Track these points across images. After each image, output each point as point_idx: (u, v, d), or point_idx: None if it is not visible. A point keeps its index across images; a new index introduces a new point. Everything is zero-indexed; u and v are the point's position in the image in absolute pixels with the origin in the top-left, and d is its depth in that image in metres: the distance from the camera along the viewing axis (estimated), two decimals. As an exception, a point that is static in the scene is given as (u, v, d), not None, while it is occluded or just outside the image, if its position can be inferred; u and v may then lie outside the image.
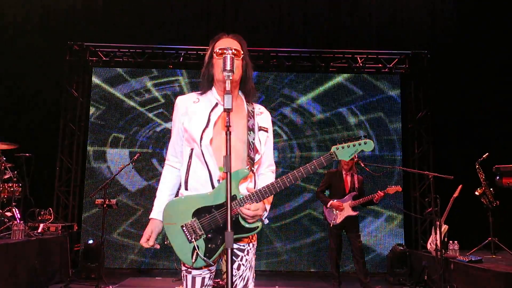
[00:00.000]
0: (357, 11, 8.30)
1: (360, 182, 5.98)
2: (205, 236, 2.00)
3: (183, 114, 2.19)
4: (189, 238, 2.01)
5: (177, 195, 2.23)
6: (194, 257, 1.99)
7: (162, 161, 7.74)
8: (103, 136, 7.82)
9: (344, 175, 5.96)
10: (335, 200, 5.83)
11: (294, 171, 2.05)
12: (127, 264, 7.49)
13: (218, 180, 2.05)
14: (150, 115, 7.89)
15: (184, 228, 2.02)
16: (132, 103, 7.91)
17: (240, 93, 2.28)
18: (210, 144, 2.07)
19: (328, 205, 5.82)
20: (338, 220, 5.77)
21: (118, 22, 8.16)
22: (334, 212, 5.82)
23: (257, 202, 2.00)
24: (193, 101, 2.21)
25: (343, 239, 6.02)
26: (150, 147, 7.80)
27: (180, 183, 2.20)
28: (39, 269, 5.20)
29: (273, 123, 2.51)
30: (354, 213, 5.78)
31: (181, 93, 7.56)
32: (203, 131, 2.09)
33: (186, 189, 2.12)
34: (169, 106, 7.80)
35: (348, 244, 6.02)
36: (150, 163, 7.76)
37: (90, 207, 7.56)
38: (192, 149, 2.12)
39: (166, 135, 7.78)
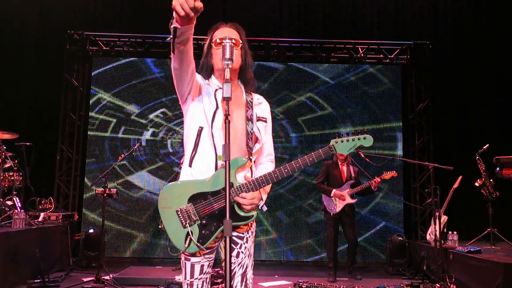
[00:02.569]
0: (359, 1, 8.25)
1: (356, 173, 6.17)
2: (199, 222, 2.01)
3: (200, 83, 2.17)
4: (183, 223, 2.00)
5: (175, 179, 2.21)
6: (187, 243, 1.99)
7: (165, 150, 7.76)
8: (104, 125, 7.82)
9: (340, 165, 6.13)
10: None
11: (292, 162, 2.06)
12: (128, 253, 7.53)
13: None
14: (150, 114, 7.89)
15: (179, 212, 2.01)
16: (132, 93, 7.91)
17: (239, 82, 2.27)
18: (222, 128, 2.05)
19: (332, 194, 5.95)
20: (338, 209, 5.94)
21: (118, 11, 8.13)
22: (334, 201, 5.95)
23: (253, 191, 2.01)
24: (203, 81, 2.20)
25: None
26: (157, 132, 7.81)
27: (184, 158, 2.20)
28: (40, 257, 5.22)
29: (272, 113, 2.50)
30: (353, 201, 5.99)
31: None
32: (215, 113, 2.10)
33: (190, 166, 2.11)
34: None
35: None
36: (153, 150, 7.78)
37: (91, 197, 7.58)
38: (201, 128, 2.10)
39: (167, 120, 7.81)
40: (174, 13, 1.78)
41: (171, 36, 1.86)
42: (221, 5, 8.09)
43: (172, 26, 1.82)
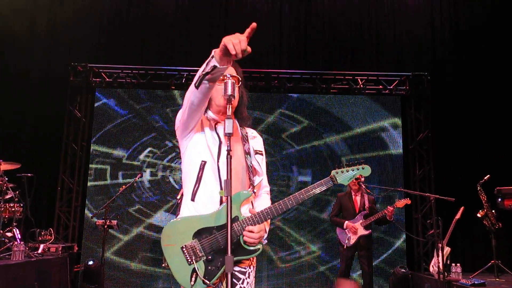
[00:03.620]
0: (358, 33, 8.42)
1: (371, 201, 5.93)
2: (205, 258, 1.98)
3: (201, 118, 2.18)
4: (189, 260, 1.98)
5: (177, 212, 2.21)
6: (193, 280, 1.95)
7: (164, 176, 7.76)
8: (105, 156, 7.84)
9: (353, 196, 5.94)
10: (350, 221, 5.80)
11: (296, 193, 2.08)
12: (127, 286, 7.41)
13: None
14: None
15: (184, 249, 1.99)
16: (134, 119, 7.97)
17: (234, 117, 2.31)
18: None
19: (345, 226, 5.75)
20: (352, 241, 5.70)
21: (121, 44, 8.27)
22: (347, 233, 5.76)
23: (259, 224, 2.02)
24: (203, 116, 2.21)
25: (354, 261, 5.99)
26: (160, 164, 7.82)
27: (182, 192, 2.19)
28: (38, 290, 5.16)
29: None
30: (366, 232, 5.72)
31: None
32: (219, 147, 2.11)
33: (193, 200, 2.10)
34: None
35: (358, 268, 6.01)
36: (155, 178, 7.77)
37: (91, 228, 7.52)
38: (204, 162, 2.11)
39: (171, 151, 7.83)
40: (214, 51, 1.84)
41: (202, 72, 1.89)
42: (222, 37, 8.22)
43: (212, 64, 1.86)
